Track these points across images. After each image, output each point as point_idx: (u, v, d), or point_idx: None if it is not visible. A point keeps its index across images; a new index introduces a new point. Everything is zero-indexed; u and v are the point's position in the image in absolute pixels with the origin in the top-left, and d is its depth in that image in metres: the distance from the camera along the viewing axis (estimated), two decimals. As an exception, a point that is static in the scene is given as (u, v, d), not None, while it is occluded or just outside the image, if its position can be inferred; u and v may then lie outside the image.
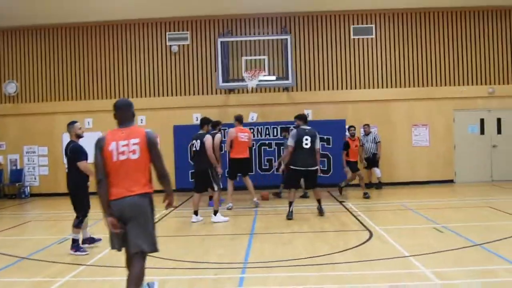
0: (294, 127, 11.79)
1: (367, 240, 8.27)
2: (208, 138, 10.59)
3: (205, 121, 10.98)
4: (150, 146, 4.88)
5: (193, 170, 15.89)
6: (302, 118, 10.89)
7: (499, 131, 16.01)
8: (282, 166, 12.34)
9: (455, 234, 8.49)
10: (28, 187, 16.11)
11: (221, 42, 14.13)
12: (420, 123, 15.95)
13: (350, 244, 8.00)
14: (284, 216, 10.61)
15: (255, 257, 7.42)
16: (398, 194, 14.07)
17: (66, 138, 15.92)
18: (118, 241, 4.91)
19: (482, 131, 16.03)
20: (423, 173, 15.95)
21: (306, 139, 10.41)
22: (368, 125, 15.24)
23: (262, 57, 14.39)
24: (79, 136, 8.31)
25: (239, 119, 12.42)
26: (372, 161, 15.07)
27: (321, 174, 15.51)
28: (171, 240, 9.09)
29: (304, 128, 10.60)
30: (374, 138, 15.10)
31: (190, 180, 15.89)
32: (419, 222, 9.88)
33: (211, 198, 12.81)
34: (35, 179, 16.19)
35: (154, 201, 5.02)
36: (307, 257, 7.28)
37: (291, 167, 10.54)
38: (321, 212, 10.68)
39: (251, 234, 9.19)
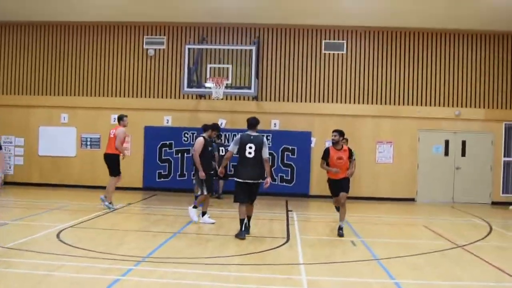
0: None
1: (277, 247, 8.61)
2: (197, 141, 10.74)
3: (207, 126, 11.18)
4: None
5: (160, 171, 16.58)
6: (249, 122, 9.59)
7: (463, 154, 16.19)
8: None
9: (365, 248, 8.80)
10: (3, 176, 16.71)
11: (188, 49, 14.66)
12: (385, 140, 16.22)
13: (258, 249, 8.37)
14: (224, 220, 10.87)
15: (160, 253, 7.84)
16: (350, 208, 14.29)
17: (42, 131, 16.79)
18: None
19: (446, 153, 16.24)
20: (386, 190, 16.21)
21: (250, 147, 9.24)
22: (346, 139, 15.09)
23: (226, 65, 14.83)
24: None
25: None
26: None
27: (283, 184, 16.07)
28: (99, 232, 9.55)
29: (249, 134, 9.39)
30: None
31: (157, 180, 16.43)
32: (343, 235, 10.17)
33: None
34: (10, 168, 16.83)
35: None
36: (206, 257, 7.68)
37: (235, 179, 9.46)
38: (247, 231, 9.50)
39: (176, 233, 9.60)
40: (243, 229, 9.35)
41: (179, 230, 9.93)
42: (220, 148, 14.31)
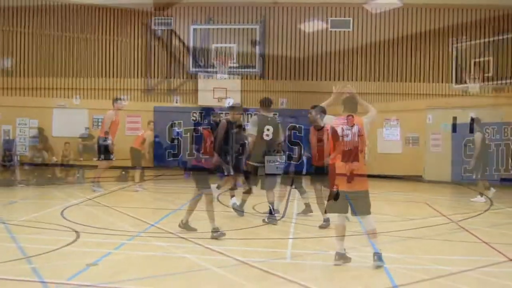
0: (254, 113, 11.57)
1: (267, 224, 8.76)
2: (221, 123, 10.14)
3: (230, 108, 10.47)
4: None
5: (170, 150, 16.88)
6: (263, 103, 9.19)
7: (471, 131, 16.03)
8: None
9: (358, 224, 8.90)
10: (18, 156, 17.27)
11: (194, 29, 14.83)
12: (392, 117, 16.21)
13: (251, 225, 8.64)
14: (226, 197, 10.94)
15: (155, 229, 8.16)
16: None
17: (57, 112, 17.20)
18: None
19: (454, 129, 16.11)
20: (393, 168, 16.23)
21: (268, 129, 8.95)
22: (352, 115, 15.08)
23: (231, 45, 14.97)
24: None
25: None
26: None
27: (289, 162, 16.23)
28: (102, 209, 9.92)
29: (266, 116, 9.11)
30: (359, 130, 15.15)
31: (167, 159, 16.74)
32: (339, 211, 10.30)
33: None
34: (25, 149, 17.34)
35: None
36: (199, 232, 7.92)
37: (248, 162, 9.23)
38: (272, 219, 8.75)
39: (176, 209, 9.89)
40: (243, 206, 9.46)
41: (180, 207, 10.20)
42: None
